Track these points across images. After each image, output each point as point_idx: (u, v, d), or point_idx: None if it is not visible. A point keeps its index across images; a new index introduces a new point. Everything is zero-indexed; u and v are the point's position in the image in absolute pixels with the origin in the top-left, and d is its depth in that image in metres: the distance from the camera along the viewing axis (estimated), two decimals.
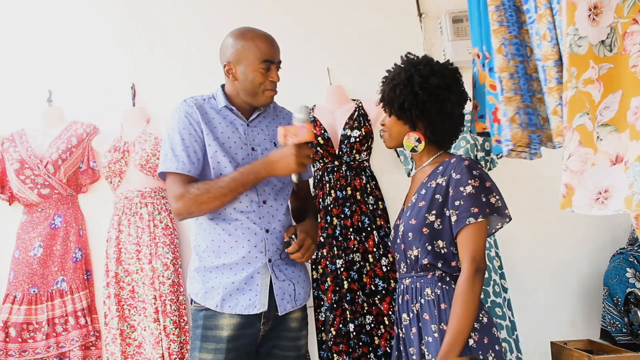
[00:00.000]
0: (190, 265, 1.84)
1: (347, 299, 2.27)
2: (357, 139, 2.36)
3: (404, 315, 1.65)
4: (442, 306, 1.56)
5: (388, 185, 2.45)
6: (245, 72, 1.75)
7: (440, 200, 1.60)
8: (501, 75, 1.70)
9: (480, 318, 1.55)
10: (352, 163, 2.39)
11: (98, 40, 2.61)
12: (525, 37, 1.76)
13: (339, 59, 2.58)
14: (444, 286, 1.59)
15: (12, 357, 2.24)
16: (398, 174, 2.48)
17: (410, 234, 1.63)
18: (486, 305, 2.23)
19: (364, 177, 2.41)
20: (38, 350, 2.27)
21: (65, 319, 2.31)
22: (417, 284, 1.63)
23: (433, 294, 1.59)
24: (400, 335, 1.69)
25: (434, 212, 1.60)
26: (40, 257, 2.34)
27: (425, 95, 1.65)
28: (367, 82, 2.45)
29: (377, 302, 2.29)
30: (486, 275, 2.25)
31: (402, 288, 1.69)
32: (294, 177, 1.70)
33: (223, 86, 1.87)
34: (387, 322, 2.27)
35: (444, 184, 1.61)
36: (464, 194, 1.56)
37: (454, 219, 1.57)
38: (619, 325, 2.26)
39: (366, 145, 2.41)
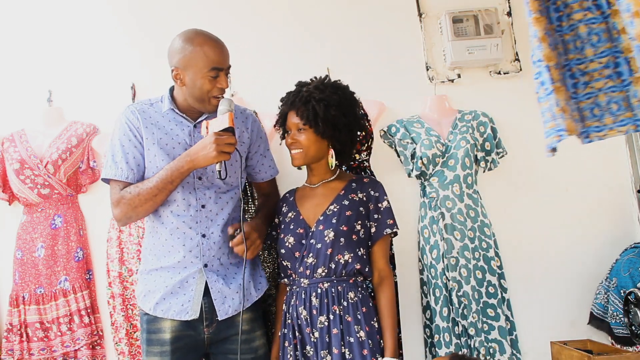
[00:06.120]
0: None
1: None
2: (357, 139, 2.36)
3: (321, 318, 1.72)
4: (364, 309, 1.75)
5: (388, 185, 2.42)
6: (193, 79, 1.71)
7: (363, 212, 1.82)
8: (549, 64, 1.68)
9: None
10: (352, 163, 2.38)
11: (98, 40, 2.61)
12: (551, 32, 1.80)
13: (339, 59, 2.58)
14: (362, 291, 1.79)
15: (34, 357, 2.28)
16: (398, 174, 2.47)
17: (342, 239, 1.77)
18: (479, 307, 2.23)
19: None
20: (55, 348, 2.30)
21: (70, 318, 2.32)
22: (338, 287, 1.75)
23: (356, 297, 1.75)
24: (312, 339, 1.73)
25: (359, 222, 1.81)
26: (44, 257, 2.35)
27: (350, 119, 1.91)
28: (367, 82, 2.46)
29: None
30: (480, 276, 2.26)
31: (318, 292, 1.75)
32: (217, 167, 1.66)
33: (172, 89, 1.83)
34: None
35: (364, 198, 1.85)
36: (381, 208, 1.86)
37: (373, 230, 1.82)
38: (622, 318, 2.23)
39: (366, 145, 2.40)
